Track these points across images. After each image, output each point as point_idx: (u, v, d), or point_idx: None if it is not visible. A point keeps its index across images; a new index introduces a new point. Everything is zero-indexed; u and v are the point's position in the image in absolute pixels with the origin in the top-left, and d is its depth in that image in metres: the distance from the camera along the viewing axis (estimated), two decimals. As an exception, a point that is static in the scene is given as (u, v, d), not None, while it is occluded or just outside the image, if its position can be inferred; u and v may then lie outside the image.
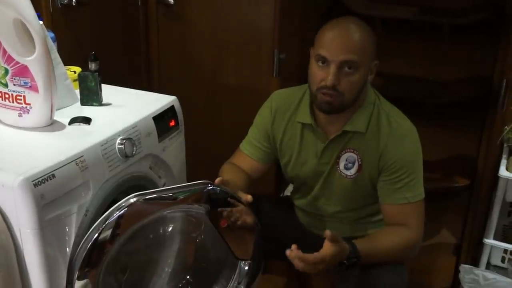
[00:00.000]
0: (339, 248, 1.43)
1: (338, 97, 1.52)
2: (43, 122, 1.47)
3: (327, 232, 1.41)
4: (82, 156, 1.35)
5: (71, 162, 1.31)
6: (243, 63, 2.31)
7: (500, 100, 1.93)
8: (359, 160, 1.63)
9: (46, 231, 1.25)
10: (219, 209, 1.45)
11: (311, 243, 1.81)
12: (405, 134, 1.60)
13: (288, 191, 2.08)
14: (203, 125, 2.44)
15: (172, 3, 2.34)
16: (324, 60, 1.51)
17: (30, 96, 1.43)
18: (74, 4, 1.94)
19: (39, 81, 1.40)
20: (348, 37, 1.51)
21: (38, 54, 1.38)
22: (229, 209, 1.46)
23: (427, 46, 3.04)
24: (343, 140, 1.64)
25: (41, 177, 1.23)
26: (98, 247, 1.34)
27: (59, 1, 1.91)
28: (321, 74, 1.52)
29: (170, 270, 1.64)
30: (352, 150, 1.64)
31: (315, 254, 1.41)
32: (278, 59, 2.19)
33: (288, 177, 1.82)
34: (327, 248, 1.41)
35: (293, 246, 1.42)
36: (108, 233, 1.36)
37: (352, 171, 1.65)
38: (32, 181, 1.21)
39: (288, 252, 1.42)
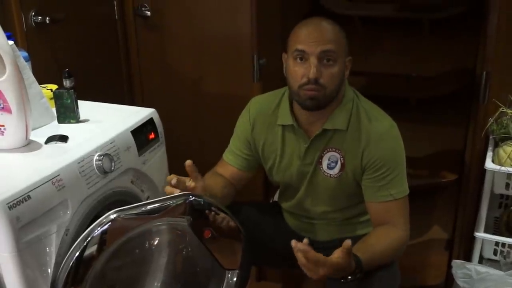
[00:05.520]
0: (349, 262, 1.37)
1: (321, 91, 1.52)
2: (19, 143, 1.45)
3: (347, 242, 1.35)
4: (59, 175, 1.33)
5: (47, 182, 1.29)
6: (223, 70, 2.30)
7: (481, 92, 1.92)
8: (342, 159, 1.62)
9: (24, 253, 1.24)
10: (200, 220, 1.43)
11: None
12: (386, 131, 1.60)
13: (277, 196, 2.07)
14: (187, 135, 2.43)
15: (149, 15, 2.34)
16: (302, 56, 1.51)
17: (3, 117, 1.40)
18: (48, 22, 1.92)
19: (12, 102, 1.38)
20: (324, 30, 1.53)
21: (8, 74, 1.36)
22: (210, 219, 1.44)
23: (408, 43, 3.05)
24: (324, 139, 1.63)
25: (15, 199, 1.21)
26: (81, 265, 1.33)
27: (33, 20, 1.90)
28: (301, 71, 1.52)
29: (159, 284, 1.62)
30: (334, 149, 1.63)
31: (320, 255, 1.34)
32: (258, 64, 2.19)
33: (274, 181, 1.81)
34: (337, 256, 1.35)
35: (305, 240, 1.35)
36: (90, 250, 1.35)
37: (336, 170, 1.64)
38: (7, 203, 1.19)
39: (293, 242, 1.33)
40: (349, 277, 1.42)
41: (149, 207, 1.39)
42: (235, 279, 1.57)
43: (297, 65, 1.53)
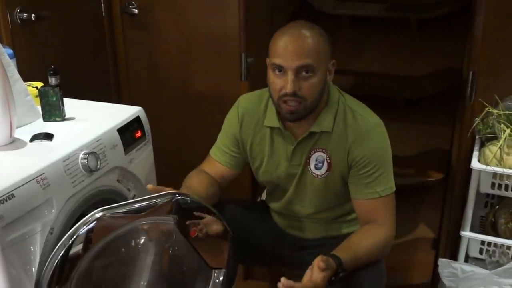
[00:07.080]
0: (330, 272, 1.40)
1: (301, 103, 1.51)
2: (3, 141, 1.44)
3: (320, 264, 1.38)
4: (43, 173, 1.32)
5: (31, 180, 1.29)
6: (211, 69, 2.29)
7: (467, 92, 1.93)
8: (328, 158, 1.63)
9: (8, 252, 1.23)
10: (187, 219, 1.43)
11: (289, 245, 1.81)
12: (372, 129, 1.60)
13: (265, 195, 2.07)
14: (174, 133, 2.41)
15: (136, 12, 2.32)
16: (280, 68, 1.50)
17: (-13, 115, 1.39)
18: (33, 19, 1.90)
19: (-4, 100, 1.37)
20: (300, 42, 1.49)
21: (-8, 72, 1.35)
22: (196, 217, 1.44)
23: (396, 42, 3.05)
24: (311, 141, 1.63)
25: (-1, 197, 1.20)
26: (66, 264, 1.32)
27: (18, 17, 1.88)
28: (280, 83, 1.51)
29: (145, 283, 1.61)
30: (320, 150, 1.63)
31: (305, 282, 1.37)
32: (245, 62, 2.18)
33: (261, 181, 1.80)
34: (317, 274, 1.38)
35: (282, 279, 1.37)
36: (76, 249, 1.34)
37: (322, 171, 1.64)
38: (-10, 202, 1.18)
39: (279, 285, 1.36)
40: (333, 278, 1.43)
41: (135, 205, 1.38)
42: (221, 278, 1.56)
43: (276, 77, 1.52)
